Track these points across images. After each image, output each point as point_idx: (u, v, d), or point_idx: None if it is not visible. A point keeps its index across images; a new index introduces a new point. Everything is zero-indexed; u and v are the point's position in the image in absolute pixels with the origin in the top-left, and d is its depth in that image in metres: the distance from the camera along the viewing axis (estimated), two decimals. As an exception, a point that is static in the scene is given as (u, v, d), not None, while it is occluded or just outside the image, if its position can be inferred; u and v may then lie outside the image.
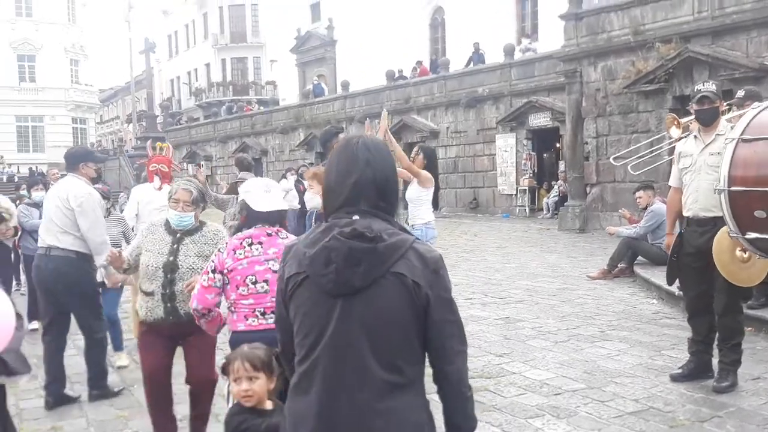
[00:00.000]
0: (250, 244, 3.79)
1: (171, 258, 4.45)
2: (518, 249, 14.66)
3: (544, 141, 23.29)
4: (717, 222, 5.16)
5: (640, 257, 10.79)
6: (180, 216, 4.50)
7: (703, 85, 5.59)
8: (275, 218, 3.86)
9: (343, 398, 2.14)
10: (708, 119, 5.52)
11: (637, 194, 11.45)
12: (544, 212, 21.91)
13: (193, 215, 4.54)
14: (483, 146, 23.99)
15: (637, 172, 10.57)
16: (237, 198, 6.25)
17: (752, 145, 4.46)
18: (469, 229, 19.27)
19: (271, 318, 3.55)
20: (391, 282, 2.13)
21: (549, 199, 21.93)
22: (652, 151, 10.96)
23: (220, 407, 5.39)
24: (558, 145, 22.56)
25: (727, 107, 6.66)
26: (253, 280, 3.75)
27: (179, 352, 4.66)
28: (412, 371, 2.18)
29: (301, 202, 14.40)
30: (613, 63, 17.06)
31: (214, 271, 3.76)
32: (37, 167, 44.76)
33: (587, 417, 5.13)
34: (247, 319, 3.76)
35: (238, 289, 3.75)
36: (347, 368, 2.14)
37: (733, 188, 4.47)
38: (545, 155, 24.03)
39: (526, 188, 22.64)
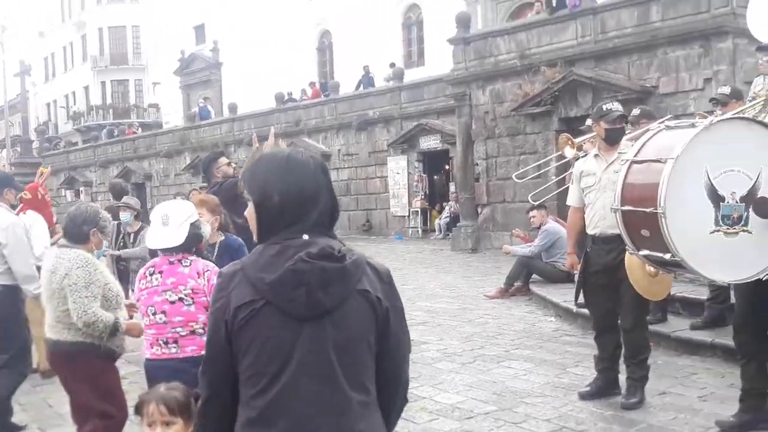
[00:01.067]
0: (152, 274, 3.72)
1: None
2: (414, 270, 14.65)
3: (434, 163, 23.56)
4: (623, 239, 5.22)
5: (535, 275, 10.96)
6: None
7: (612, 104, 5.67)
8: (179, 248, 3.68)
9: (324, 423, 2.04)
10: (618, 138, 5.61)
11: (531, 213, 11.66)
12: (437, 233, 22.07)
13: None
14: (375, 168, 24.02)
15: (532, 194, 10.76)
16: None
17: (642, 166, 4.54)
18: (363, 252, 18.87)
19: (174, 347, 3.62)
20: (357, 300, 2.08)
21: (441, 220, 22.12)
22: (557, 170, 11.16)
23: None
24: (448, 166, 22.86)
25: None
26: (153, 311, 3.72)
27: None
28: (372, 388, 2.14)
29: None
30: (500, 86, 17.43)
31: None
32: None
33: (502, 440, 5.04)
34: (152, 347, 3.77)
35: (143, 318, 3.78)
36: (325, 392, 2.05)
37: (624, 208, 4.53)
38: (436, 177, 24.29)
39: (419, 210, 22.79)
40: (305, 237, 2.08)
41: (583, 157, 6.47)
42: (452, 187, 21.86)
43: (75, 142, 48.80)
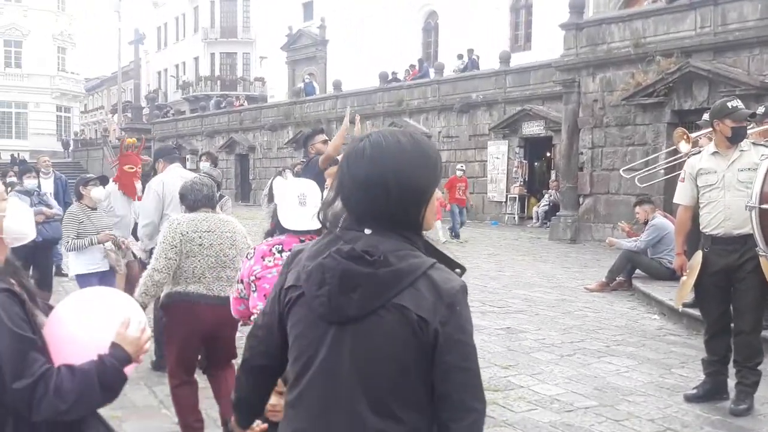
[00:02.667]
0: (280, 251, 3.43)
1: None
2: (511, 257, 14.50)
3: (535, 149, 23.22)
4: (747, 240, 5.01)
5: (638, 271, 10.68)
6: None
7: (737, 102, 5.42)
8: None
9: None
10: (742, 137, 5.37)
11: (636, 209, 11.34)
12: (534, 221, 21.81)
13: None
14: (474, 152, 23.86)
15: (644, 185, 10.38)
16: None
17: (787, 164, 4.32)
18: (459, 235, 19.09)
19: None
20: (391, 315, 1.77)
21: (539, 208, 21.83)
22: (668, 164, 10.74)
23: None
24: (549, 154, 22.48)
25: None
26: None
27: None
28: (414, 420, 1.81)
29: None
30: (612, 74, 16.97)
31: (240, 281, 3.48)
32: (18, 154, 44.14)
33: (603, 436, 4.95)
34: None
35: (265, 299, 3.53)
36: (333, 409, 1.83)
37: (764, 206, 4.32)
38: (536, 164, 23.94)
39: (516, 196, 22.53)
40: (367, 231, 1.83)
41: (696, 154, 6.21)
42: (553, 175, 21.51)
43: (183, 111, 50.39)
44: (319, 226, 2.46)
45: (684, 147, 7.74)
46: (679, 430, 5.06)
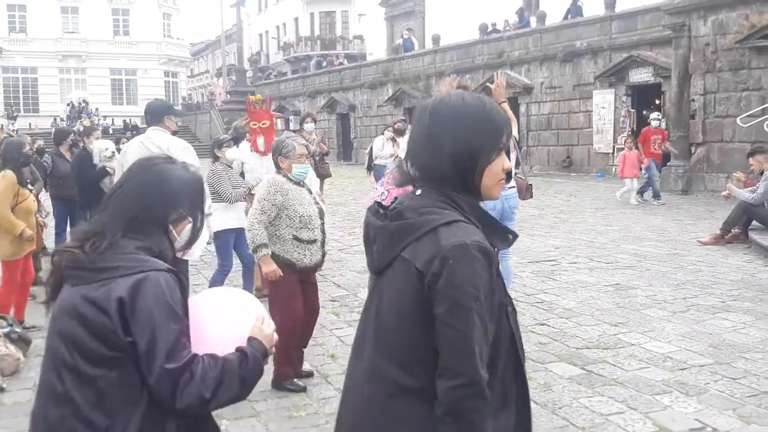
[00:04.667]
0: None
1: (318, 206, 5.08)
2: (619, 211, 14.13)
3: (644, 97, 22.29)
4: None
5: (754, 222, 10.24)
6: (304, 169, 5.10)
7: None
8: None
9: (351, 393, 1.96)
10: None
11: (750, 160, 10.86)
12: (642, 173, 21.07)
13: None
14: (579, 102, 23.21)
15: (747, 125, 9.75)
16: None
17: None
18: (563, 189, 18.76)
19: None
20: (400, 267, 1.83)
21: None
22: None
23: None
24: (659, 102, 21.60)
25: None
26: None
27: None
28: (424, 375, 1.80)
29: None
30: (724, 16, 16.09)
31: None
32: (130, 120, 46.04)
33: (719, 395, 4.83)
34: None
35: None
36: (359, 360, 1.94)
37: None
38: (645, 112, 23.04)
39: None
40: (417, 192, 1.90)
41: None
42: (663, 124, 20.68)
43: (284, 72, 51.04)
44: None
45: None
46: (801, 389, 4.89)
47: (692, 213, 13.62)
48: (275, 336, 2.20)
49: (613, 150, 22.03)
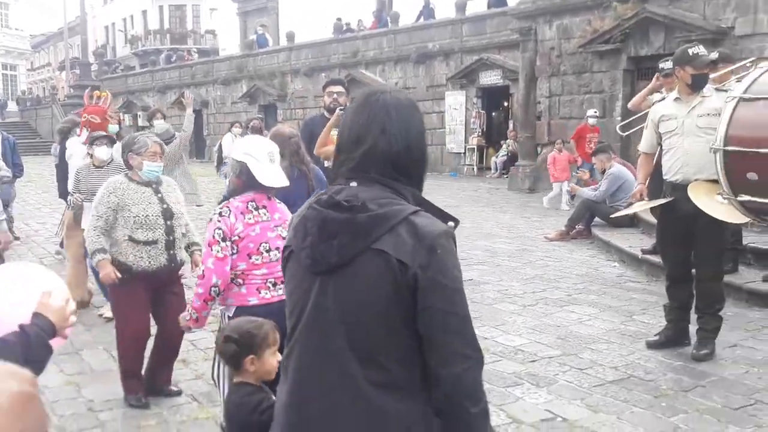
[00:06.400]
0: (257, 208, 3.44)
1: (165, 206, 4.66)
2: (471, 208, 14.48)
3: (493, 99, 23.09)
4: None
5: (597, 219, 10.73)
6: (155, 167, 4.69)
7: (698, 48, 5.34)
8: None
9: (314, 394, 1.83)
10: (703, 84, 5.30)
11: (594, 159, 11.39)
12: (492, 172, 21.79)
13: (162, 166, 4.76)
14: (432, 103, 23.65)
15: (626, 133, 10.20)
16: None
17: (752, 105, 4.28)
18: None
19: (281, 289, 3.24)
20: (371, 260, 1.75)
21: (497, 159, 21.80)
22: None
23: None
24: (507, 103, 22.39)
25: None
26: (267, 248, 3.44)
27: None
28: (402, 371, 1.77)
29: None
30: (569, 21, 16.85)
31: (224, 239, 3.36)
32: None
33: (567, 385, 4.95)
34: (259, 292, 3.45)
35: (250, 258, 3.41)
36: (319, 360, 1.82)
37: (729, 148, 4.28)
38: (494, 114, 23.85)
39: (475, 147, 22.45)
40: (353, 184, 1.85)
41: (660, 101, 6.17)
42: (511, 125, 21.46)
43: (133, 66, 49.07)
44: (287, 183, 2.48)
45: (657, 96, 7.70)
46: (642, 376, 5.09)
47: (539, 210, 14.14)
48: (70, 307, 2.06)
49: (465, 150, 22.63)
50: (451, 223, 1.87)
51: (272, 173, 3.45)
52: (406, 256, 1.72)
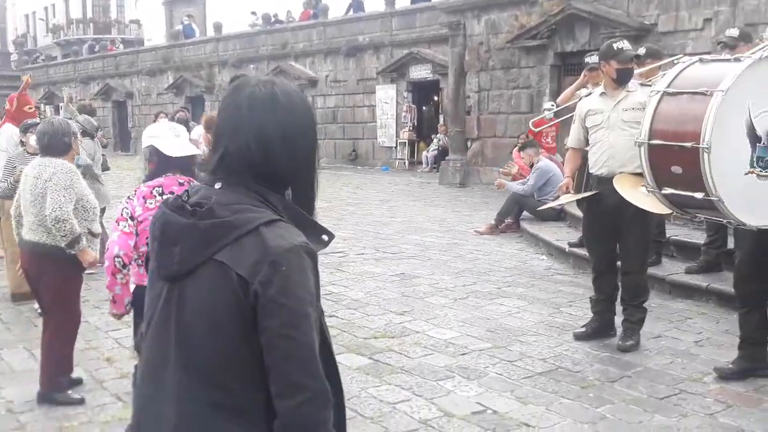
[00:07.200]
0: (161, 194, 3.56)
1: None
2: (402, 202, 14.50)
3: (424, 93, 23.16)
4: None
5: (525, 213, 10.89)
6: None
7: (623, 43, 5.47)
8: (187, 165, 3.57)
9: (152, 415, 1.68)
10: (628, 78, 5.43)
11: (522, 154, 11.55)
12: (424, 166, 21.87)
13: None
14: (363, 97, 23.60)
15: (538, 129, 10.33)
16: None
17: (675, 98, 4.36)
18: (350, 182, 18.99)
19: None
20: (212, 273, 1.59)
21: (428, 153, 21.88)
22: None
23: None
24: (437, 98, 22.52)
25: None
26: None
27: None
28: (245, 394, 1.61)
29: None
30: (497, 16, 17.01)
31: (132, 218, 3.60)
32: None
33: (498, 378, 5.01)
34: None
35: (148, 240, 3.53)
36: (158, 376, 1.67)
37: (653, 141, 4.37)
38: (425, 108, 23.94)
39: (406, 141, 22.49)
40: (217, 185, 1.67)
41: (587, 96, 6.29)
42: (441, 120, 21.59)
43: (54, 56, 47.54)
44: (196, 151, 2.50)
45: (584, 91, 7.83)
46: (570, 367, 5.18)
47: (469, 204, 14.27)
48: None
49: (396, 144, 22.68)
50: (324, 237, 1.73)
51: (177, 145, 3.67)
52: (247, 271, 1.56)
